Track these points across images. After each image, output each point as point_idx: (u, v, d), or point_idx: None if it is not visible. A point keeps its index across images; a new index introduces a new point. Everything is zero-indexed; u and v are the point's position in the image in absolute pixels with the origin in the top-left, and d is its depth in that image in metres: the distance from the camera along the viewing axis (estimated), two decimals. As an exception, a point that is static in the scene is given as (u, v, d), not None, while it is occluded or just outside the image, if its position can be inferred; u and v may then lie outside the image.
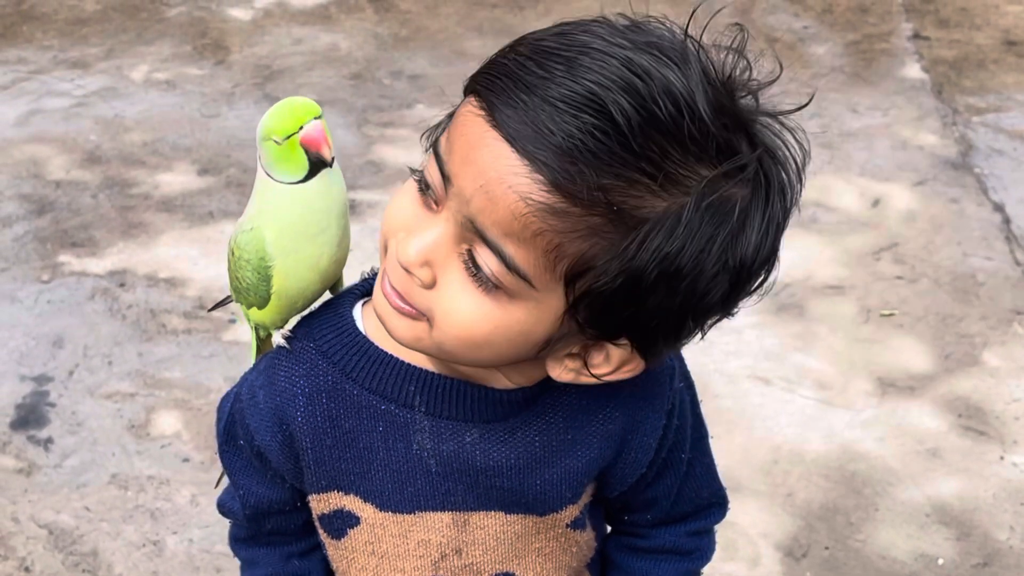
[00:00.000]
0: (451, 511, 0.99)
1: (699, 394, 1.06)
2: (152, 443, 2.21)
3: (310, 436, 0.97)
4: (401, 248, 0.84)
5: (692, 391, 1.04)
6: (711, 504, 1.10)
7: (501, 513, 0.99)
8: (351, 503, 1.00)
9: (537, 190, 0.77)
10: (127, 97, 3.31)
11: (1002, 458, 2.22)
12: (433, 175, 0.83)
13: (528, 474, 0.97)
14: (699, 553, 1.11)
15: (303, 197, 0.93)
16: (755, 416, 2.29)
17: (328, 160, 0.91)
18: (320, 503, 1.01)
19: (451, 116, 0.84)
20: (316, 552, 1.07)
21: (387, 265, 0.87)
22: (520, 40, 0.82)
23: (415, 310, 0.86)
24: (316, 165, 0.92)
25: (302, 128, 0.90)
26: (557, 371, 0.89)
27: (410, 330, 0.87)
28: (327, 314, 0.98)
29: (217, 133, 3.15)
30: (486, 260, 0.81)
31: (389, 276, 0.86)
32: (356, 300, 0.98)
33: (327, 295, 1.01)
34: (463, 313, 0.83)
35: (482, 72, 0.82)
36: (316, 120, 0.90)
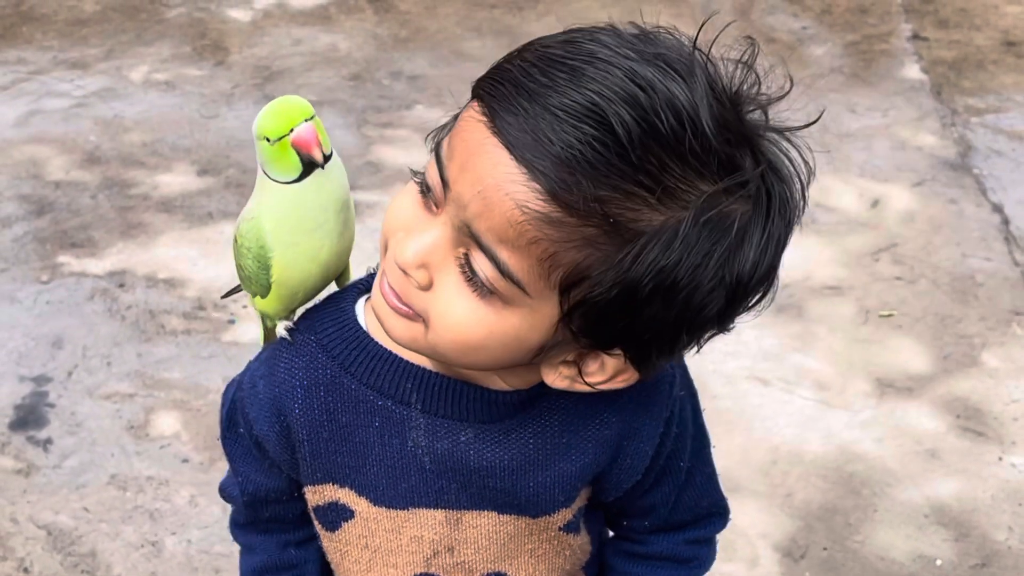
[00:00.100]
0: (444, 509, 0.99)
1: (698, 394, 1.06)
2: (151, 444, 2.21)
3: (307, 428, 0.97)
4: (399, 249, 0.84)
5: (694, 400, 1.04)
6: (711, 514, 1.10)
7: (494, 513, 1.00)
8: (346, 496, 1.00)
9: (534, 198, 0.77)
10: (126, 98, 3.31)
11: (1000, 459, 2.22)
12: (433, 178, 0.83)
13: (521, 476, 0.97)
14: (697, 562, 1.11)
15: (295, 197, 0.93)
16: (754, 417, 2.29)
17: (320, 162, 0.91)
18: (315, 495, 1.02)
19: (456, 118, 0.84)
20: (313, 542, 1.08)
21: (385, 265, 0.87)
22: (528, 45, 0.82)
23: (412, 311, 0.86)
24: (309, 165, 0.92)
25: (293, 130, 0.90)
26: (552, 377, 0.89)
27: (406, 330, 0.87)
28: (329, 308, 0.99)
29: (216, 134, 3.15)
30: (481, 265, 0.81)
31: (387, 276, 0.87)
32: (359, 295, 0.99)
33: (333, 287, 1.02)
34: (458, 317, 0.83)
35: (487, 77, 0.82)
36: (308, 122, 0.90)
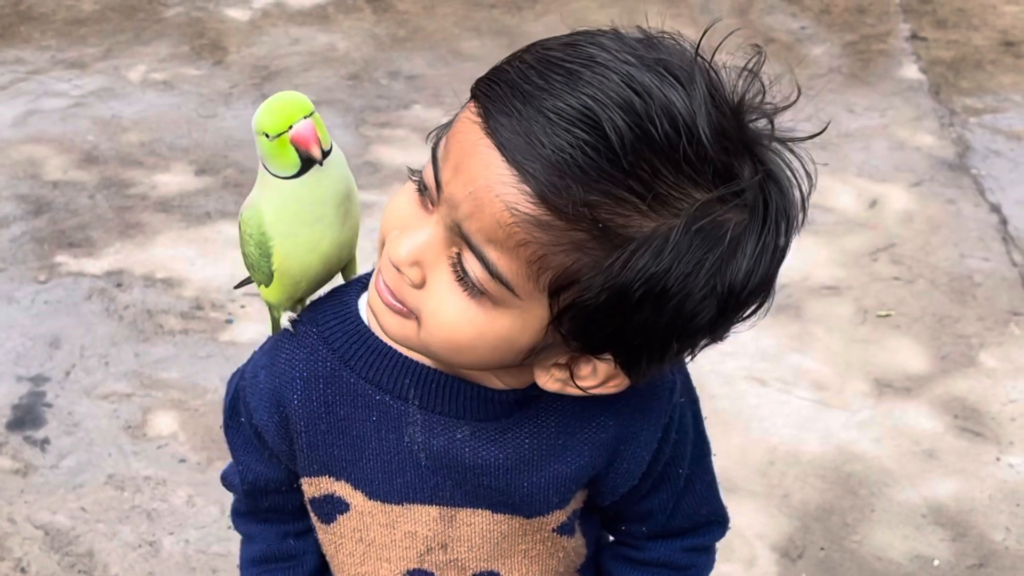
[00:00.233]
0: (438, 505, 0.99)
1: (699, 401, 1.05)
2: (149, 444, 2.21)
3: (305, 420, 0.98)
4: (393, 246, 0.85)
5: (695, 407, 1.04)
6: (710, 522, 1.09)
7: (488, 512, 1.00)
8: (341, 489, 1.01)
9: (523, 201, 0.77)
10: (124, 97, 3.31)
11: (998, 459, 2.22)
12: (428, 178, 0.84)
13: (516, 475, 0.97)
14: (695, 570, 1.10)
15: (293, 192, 0.94)
16: (751, 417, 2.29)
17: (318, 159, 0.91)
18: (312, 486, 1.02)
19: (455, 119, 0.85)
20: (312, 534, 1.09)
21: (381, 262, 0.88)
22: (529, 47, 0.82)
23: (405, 308, 0.86)
24: (308, 161, 0.92)
25: (292, 127, 0.90)
26: (544, 379, 0.89)
27: (400, 328, 0.88)
28: (332, 301, 1.00)
29: (214, 133, 3.15)
30: (472, 266, 0.81)
31: (383, 273, 0.87)
32: (363, 290, 0.99)
33: (339, 279, 1.02)
34: (448, 316, 0.83)
35: (485, 77, 0.82)
36: (307, 119, 0.91)
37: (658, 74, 0.77)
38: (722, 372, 2.38)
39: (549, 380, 0.89)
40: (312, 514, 1.05)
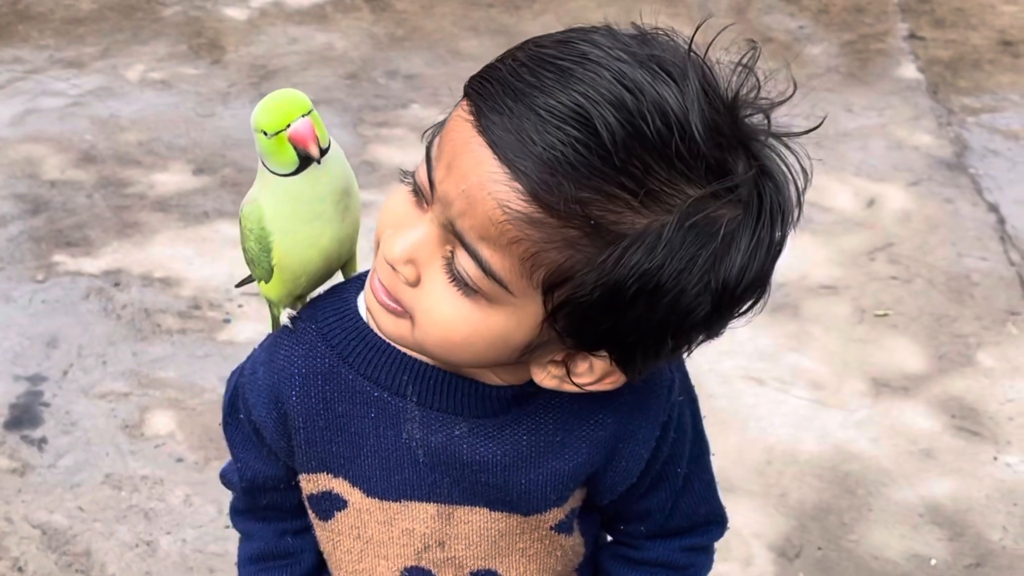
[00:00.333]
0: (436, 503, 0.99)
1: (698, 400, 1.05)
2: (146, 443, 2.20)
3: (303, 417, 0.98)
4: (388, 244, 0.85)
5: (694, 406, 1.04)
6: (708, 522, 1.09)
7: (485, 509, 1.00)
8: (339, 486, 1.01)
9: (515, 198, 0.77)
10: (123, 97, 3.31)
11: (995, 459, 2.22)
12: (421, 176, 0.84)
13: (513, 472, 0.97)
14: (693, 570, 1.10)
15: (292, 189, 0.94)
16: (749, 416, 2.29)
17: (316, 157, 0.92)
18: (309, 483, 1.02)
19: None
20: (310, 531, 1.09)
21: (376, 261, 0.88)
22: (522, 44, 0.82)
23: (400, 307, 0.86)
24: (306, 159, 0.92)
25: (290, 126, 0.90)
26: (541, 376, 0.89)
27: (395, 326, 0.88)
28: (332, 298, 1.00)
29: (212, 133, 3.15)
30: (465, 264, 0.81)
31: (378, 272, 0.88)
32: (362, 287, 0.99)
33: (339, 276, 1.02)
34: (443, 314, 0.84)
35: (477, 75, 0.82)
36: (305, 117, 0.91)
37: (651, 70, 0.77)
38: (719, 371, 2.38)
39: (546, 377, 0.89)
40: (310, 511, 1.05)
